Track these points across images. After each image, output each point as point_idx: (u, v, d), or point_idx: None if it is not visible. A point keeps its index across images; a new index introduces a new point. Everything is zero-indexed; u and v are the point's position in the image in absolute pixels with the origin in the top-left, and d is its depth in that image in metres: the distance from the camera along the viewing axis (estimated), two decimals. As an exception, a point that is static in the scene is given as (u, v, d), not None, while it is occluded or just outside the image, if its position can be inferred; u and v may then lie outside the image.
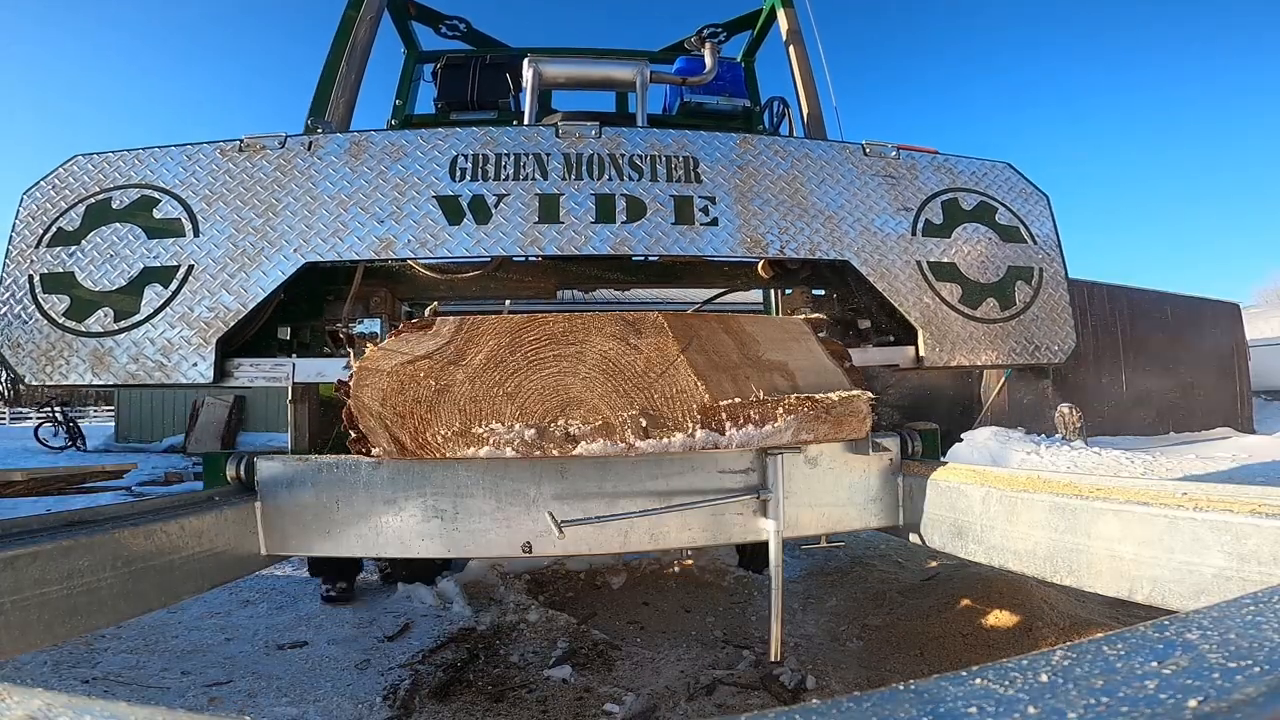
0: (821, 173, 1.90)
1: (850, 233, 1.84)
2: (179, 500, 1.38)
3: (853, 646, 2.22)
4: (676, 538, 1.54)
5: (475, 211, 1.71)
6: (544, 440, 1.39)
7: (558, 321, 1.50)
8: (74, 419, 14.84)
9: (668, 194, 1.78)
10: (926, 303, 1.84)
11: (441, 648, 2.29)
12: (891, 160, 1.96)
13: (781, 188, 1.86)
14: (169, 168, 1.74)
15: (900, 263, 1.85)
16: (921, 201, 1.94)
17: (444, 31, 3.57)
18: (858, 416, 1.56)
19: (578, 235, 1.71)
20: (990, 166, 2.05)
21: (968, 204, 1.98)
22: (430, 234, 1.69)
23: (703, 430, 1.43)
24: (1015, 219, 2.00)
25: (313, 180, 1.73)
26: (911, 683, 0.37)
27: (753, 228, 1.79)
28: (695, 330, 1.54)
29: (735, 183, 1.83)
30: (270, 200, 1.71)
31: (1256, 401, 11.75)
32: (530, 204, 1.72)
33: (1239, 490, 1.01)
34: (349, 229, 1.68)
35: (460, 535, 1.48)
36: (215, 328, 1.61)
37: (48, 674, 2.06)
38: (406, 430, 1.40)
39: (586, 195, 1.75)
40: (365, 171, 1.74)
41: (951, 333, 1.84)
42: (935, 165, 1.99)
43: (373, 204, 1.71)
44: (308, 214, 1.70)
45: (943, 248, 1.91)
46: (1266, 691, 0.34)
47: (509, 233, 1.70)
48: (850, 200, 1.88)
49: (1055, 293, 1.97)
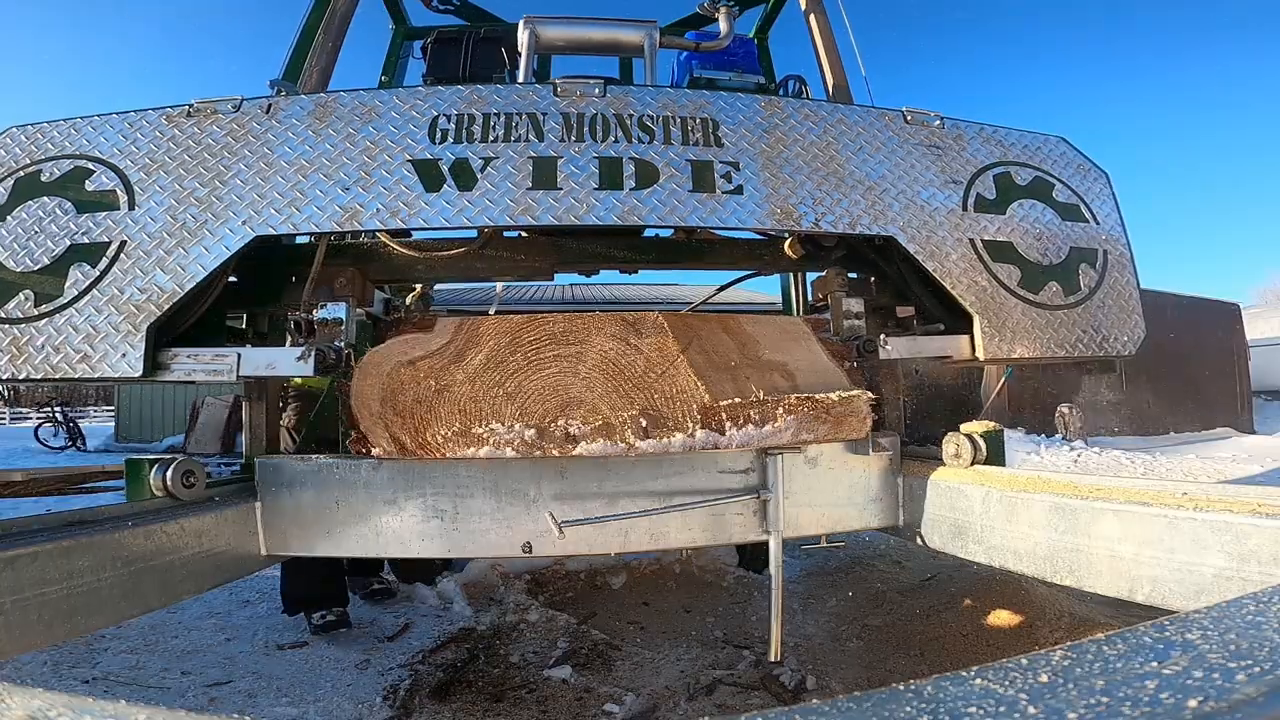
0: (859, 140, 1.71)
1: (894, 206, 1.65)
2: (179, 500, 1.38)
3: (853, 646, 2.22)
4: (676, 538, 1.54)
5: (457, 176, 1.51)
6: (544, 440, 1.40)
7: (557, 321, 1.50)
8: (74, 419, 14.84)
9: (684, 158, 1.58)
10: (983, 285, 1.65)
11: (441, 648, 2.29)
12: (935, 129, 1.78)
13: (814, 154, 1.66)
14: (108, 136, 1.57)
15: (952, 240, 1.66)
16: (972, 174, 1.76)
17: (435, 5, 3.39)
18: (858, 416, 1.56)
19: (578, 203, 1.51)
20: (1044, 140, 1.89)
21: (1022, 179, 1.80)
22: (404, 202, 1.49)
23: (703, 430, 1.43)
24: (1075, 196, 1.83)
25: (269, 146, 1.53)
26: (911, 683, 0.37)
27: (782, 197, 1.58)
28: (695, 330, 1.54)
29: (761, 148, 1.63)
30: (218, 168, 1.51)
31: (1256, 401, 11.75)
32: (522, 168, 1.53)
33: (1239, 490, 1.01)
34: (308, 197, 1.49)
35: (460, 535, 1.48)
36: (147, 312, 1.41)
37: (48, 674, 2.06)
38: (407, 430, 1.40)
39: (589, 159, 1.55)
40: (330, 135, 1.55)
41: (1011, 320, 1.65)
42: (984, 137, 1.83)
43: (337, 170, 1.51)
44: (261, 182, 1.50)
45: (997, 225, 1.72)
46: (1266, 691, 0.34)
47: (497, 200, 1.50)
48: (893, 171, 1.69)
49: (1121, 276, 1.79)
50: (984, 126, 1.85)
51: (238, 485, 1.54)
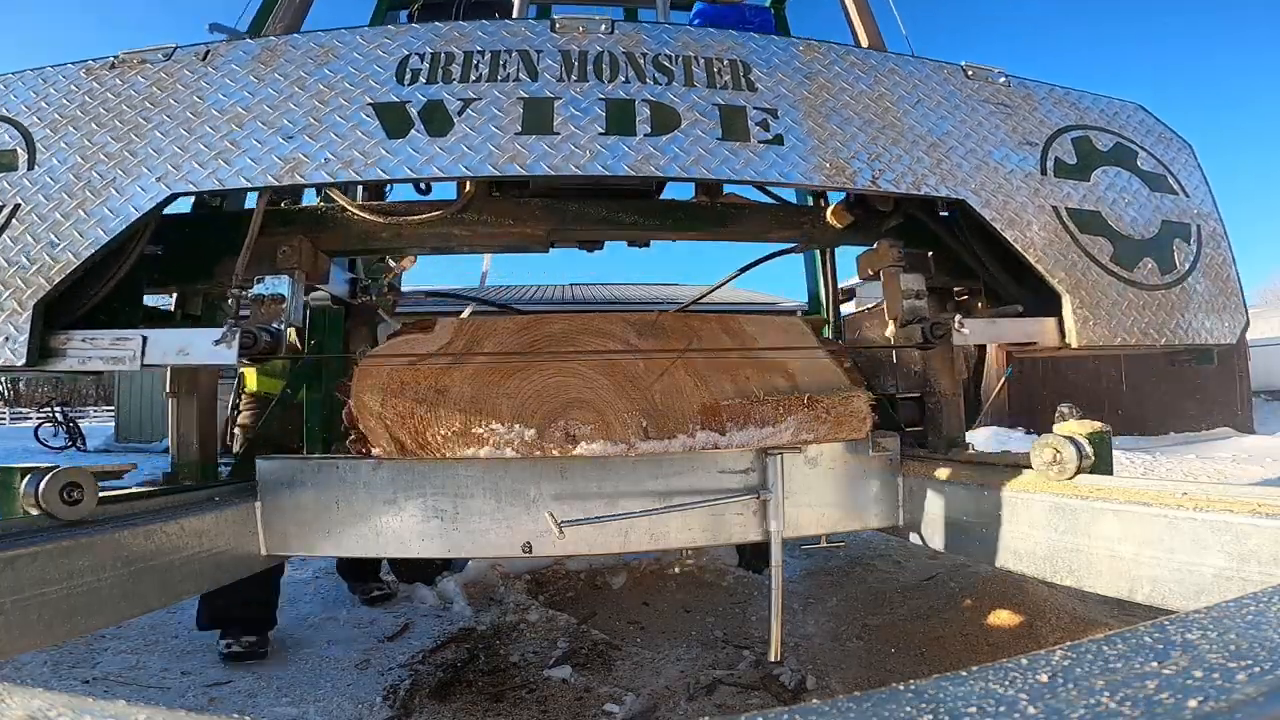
0: (915, 93, 1.51)
1: (963, 166, 1.45)
2: (179, 500, 1.38)
3: (853, 646, 2.22)
4: (676, 538, 1.54)
5: (429, 121, 1.28)
6: (544, 440, 1.40)
7: (558, 322, 1.50)
8: (74, 419, 14.84)
9: (710, 102, 1.36)
10: (1072, 260, 1.45)
11: (441, 648, 2.29)
12: (1000, 87, 1.61)
13: (865, 105, 1.46)
14: (18, 93, 1.39)
15: (1032, 207, 1.47)
16: (1048, 136, 1.58)
17: None
18: (858, 416, 1.56)
19: (579, 150, 1.28)
20: (1120, 105, 1.72)
21: (1103, 144, 1.63)
22: (359, 150, 1.26)
23: (703, 430, 1.44)
24: (1160, 166, 1.65)
25: (200, 94, 1.32)
26: (911, 683, 0.37)
27: (831, 150, 1.37)
28: (695, 330, 1.54)
29: (803, 94, 1.42)
30: (137, 120, 1.30)
31: (1256, 401, 11.75)
32: (510, 110, 1.29)
33: (1239, 490, 1.01)
34: (240, 148, 1.26)
35: (460, 535, 1.48)
36: (36, 287, 1.21)
37: (48, 674, 2.06)
38: (407, 430, 1.40)
39: (593, 100, 1.32)
40: (277, 80, 1.32)
41: (1106, 300, 1.44)
42: (1055, 98, 1.65)
43: (280, 117, 1.29)
44: (184, 133, 1.28)
45: (1082, 192, 1.53)
46: (1266, 691, 0.34)
47: (477, 146, 1.26)
48: (958, 128, 1.50)
49: (1217, 254, 1.62)
50: (1054, 87, 1.68)
51: (238, 485, 1.54)
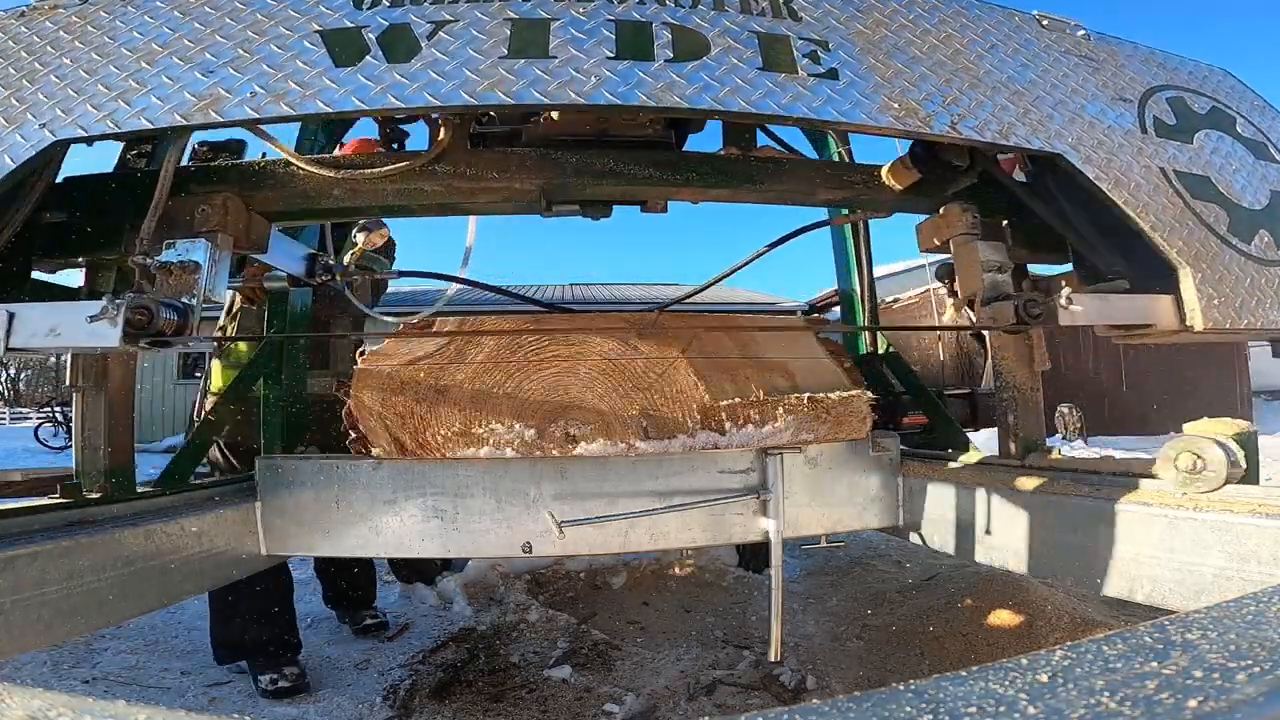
0: (988, 38, 1.32)
1: (1056, 117, 1.25)
2: (179, 500, 1.38)
3: (853, 646, 2.22)
4: (676, 538, 1.54)
5: (390, 46, 1.07)
6: (544, 440, 1.40)
7: (557, 321, 1.50)
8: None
9: (747, 28, 1.15)
10: (1190, 228, 1.24)
11: (441, 648, 2.29)
12: (1081, 40, 1.45)
13: (932, 46, 1.25)
14: None
15: (1138, 167, 1.27)
16: (1143, 93, 1.41)
17: None
18: (858, 416, 1.57)
19: (581, 76, 1.04)
20: (1209, 69, 1.57)
21: (1199, 107, 1.47)
22: (296, 81, 1.03)
23: (703, 430, 1.44)
24: (1259, 134, 1.50)
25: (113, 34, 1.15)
26: (911, 683, 0.37)
27: (899, 90, 1.16)
28: (695, 330, 1.54)
29: (857, 29, 1.22)
30: (31, 66, 1.13)
31: (1256, 401, 11.76)
32: (495, 32, 1.08)
33: (1239, 490, 1.01)
34: (146, 86, 1.06)
35: (460, 535, 1.48)
36: None
37: (48, 674, 2.06)
38: (407, 430, 1.41)
39: (600, 22, 1.10)
40: (206, 13, 1.14)
41: (1230, 276, 1.23)
42: (1141, 56, 1.50)
43: (201, 51, 1.09)
44: (83, 75, 1.10)
45: (1188, 154, 1.34)
46: (1266, 691, 0.34)
47: (450, 72, 1.04)
48: (1042, 78, 1.31)
49: None
50: (1138, 45, 1.53)
51: (238, 485, 1.54)
